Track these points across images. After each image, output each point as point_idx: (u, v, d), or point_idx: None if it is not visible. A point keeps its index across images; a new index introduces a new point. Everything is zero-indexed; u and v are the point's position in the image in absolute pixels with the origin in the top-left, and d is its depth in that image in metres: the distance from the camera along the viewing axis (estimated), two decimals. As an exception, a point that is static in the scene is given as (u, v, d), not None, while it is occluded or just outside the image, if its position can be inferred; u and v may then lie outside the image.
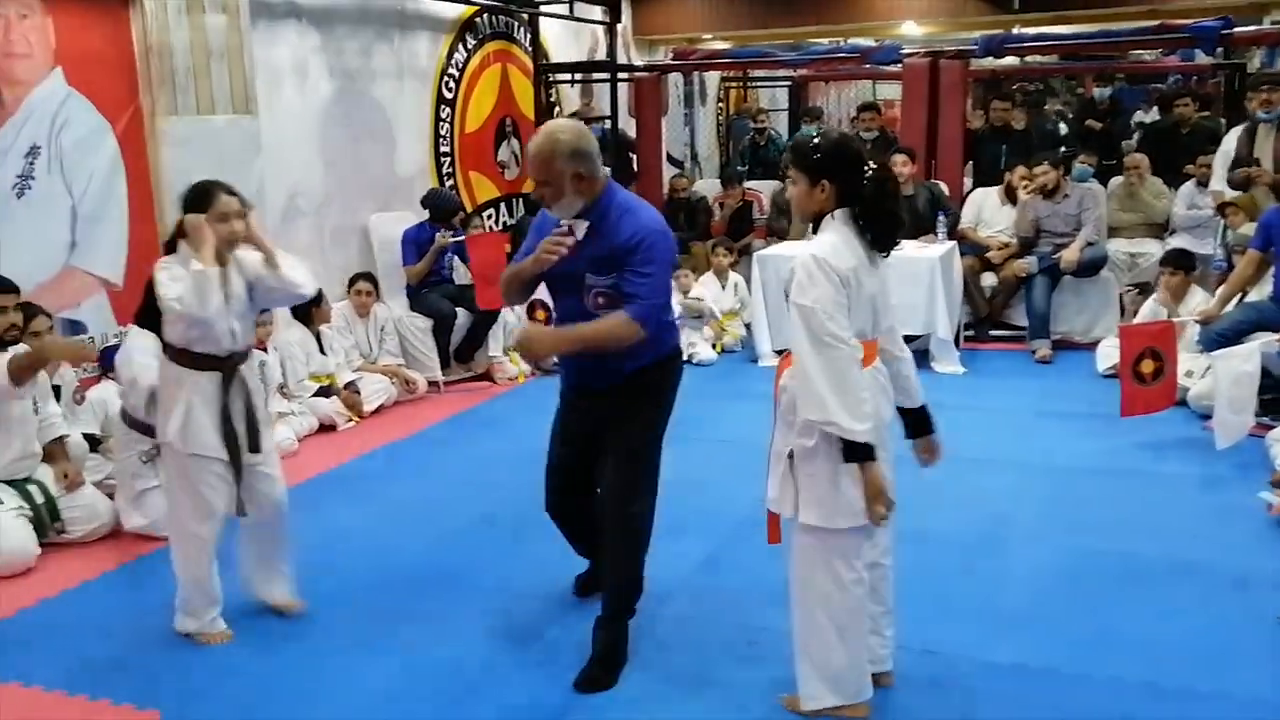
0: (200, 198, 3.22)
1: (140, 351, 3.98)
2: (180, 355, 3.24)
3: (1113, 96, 11.29)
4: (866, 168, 2.62)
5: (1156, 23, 8.45)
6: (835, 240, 2.63)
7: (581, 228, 3.06)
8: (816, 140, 2.68)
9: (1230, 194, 6.46)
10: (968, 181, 8.29)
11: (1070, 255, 6.79)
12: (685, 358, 6.81)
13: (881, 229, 2.67)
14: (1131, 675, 3.03)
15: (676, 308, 6.86)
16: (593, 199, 3.05)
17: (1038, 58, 11.40)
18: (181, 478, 3.28)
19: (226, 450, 3.25)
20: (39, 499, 4.11)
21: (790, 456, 2.70)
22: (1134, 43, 9.32)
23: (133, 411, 4.17)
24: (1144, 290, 6.87)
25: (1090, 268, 6.89)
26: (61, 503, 4.16)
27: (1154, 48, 11.11)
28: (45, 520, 4.09)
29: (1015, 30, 9.86)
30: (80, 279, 5.02)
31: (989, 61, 9.48)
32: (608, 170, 3.24)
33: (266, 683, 3.12)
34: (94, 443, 4.60)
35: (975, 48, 8.16)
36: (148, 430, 4.29)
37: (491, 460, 5.08)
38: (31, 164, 4.78)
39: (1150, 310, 6.07)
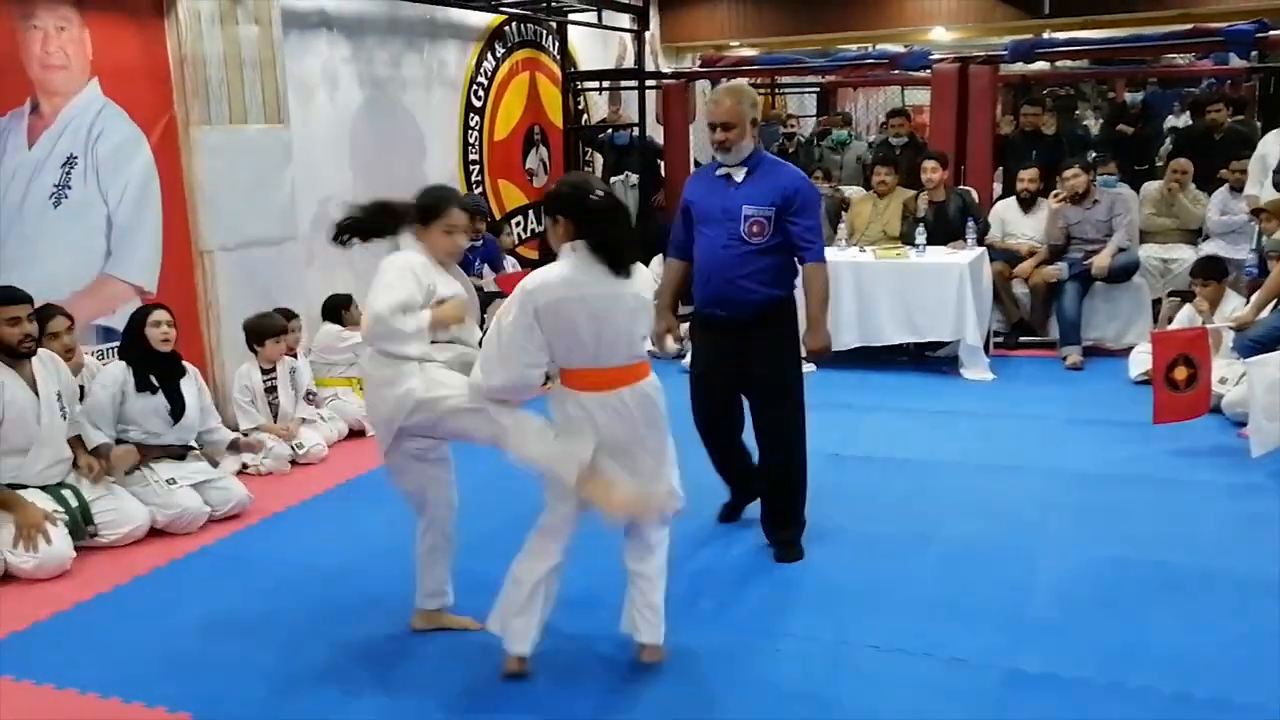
0: (432, 209, 3.16)
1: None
2: None
3: (1145, 101, 11.17)
4: (593, 196, 2.88)
5: (1189, 26, 8.36)
6: (557, 271, 2.87)
7: (740, 173, 3.76)
8: (557, 184, 3.03)
9: (1265, 199, 6.39)
10: (997, 187, 8.24)
11: (1101, 261, 6.73)
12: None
13: (610, 254, 2.86)
14: (1164, 686, 2.99)
15: None
16: (756, 146, 3.80)
17: (1068, 62, 11.30)
18: None
19: None
20: (73, 503, 4.17)
21: None
22: (1166, 47, 9.22)
23: None
24: (1182, 296, 6.79)
25: (1122, 273, 6.82)
26: (95, 507, 4.22)
27: (1187, 52, 10.99)
28: (79, 524, 4.15)
29: (1046, 35, 9.79)
30: (115, 286, 5.09)
31: (1019, 66, 9.40)
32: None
33: (297, 684, 3.15)
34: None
35: (1005, 53, 8.11)
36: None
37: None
38: (68, 173, 4.85)
39: (1186, 317, 6.00)
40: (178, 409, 4.54)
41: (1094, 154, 7.87)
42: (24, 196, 4.68)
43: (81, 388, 4.51)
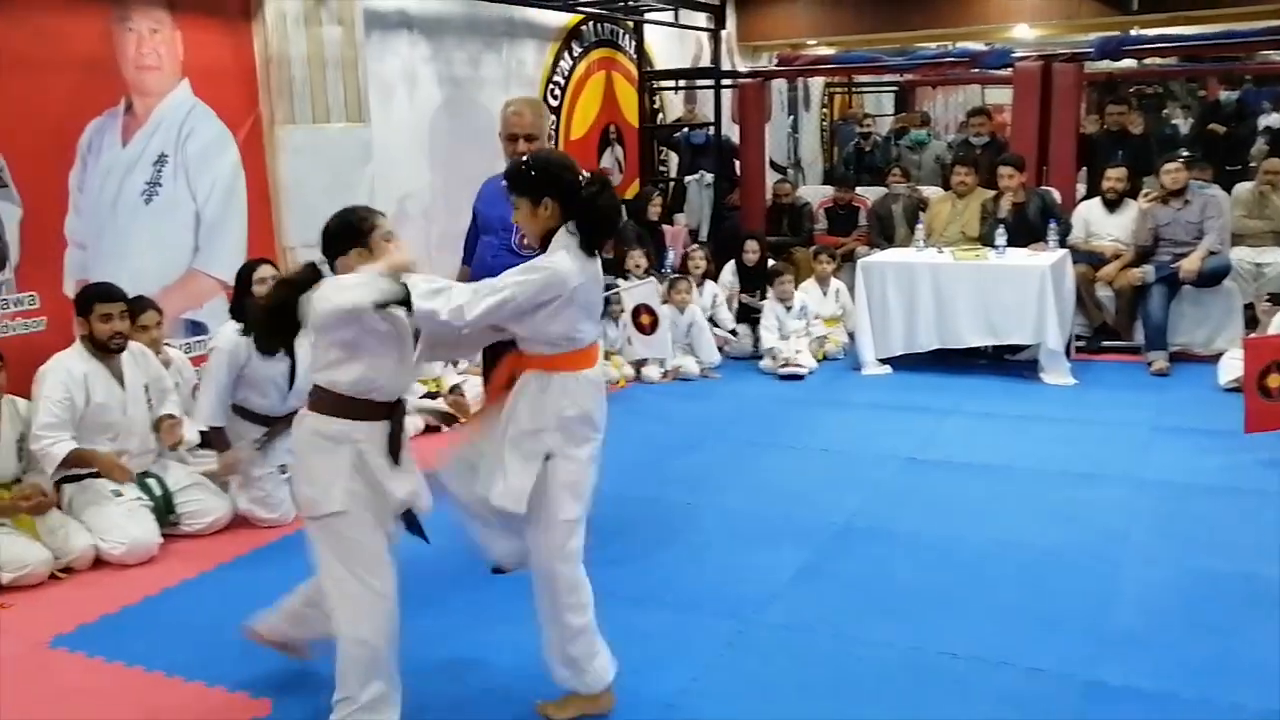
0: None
1: None
2: None
3: (1240, 99, 10.81)
4: (581, 177, 2.75)
5: (1286, 22, 8.09)
6: (567, 257, 2.69)
7: None
8: (528, 161, 2.80)
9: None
10: (1081, 188, 8.05)
11: (1190, 265, 6.53)
12: (784, 366, 6.80)
13: (597, 231, 2.75)
14: (1253, 703, 2.89)
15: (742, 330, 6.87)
16: None
17: (1156, 60, 11.00)
18: None
19: None
20: (157, 491, 4.29)
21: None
22: (1260, 43, 8.92)
23: None
24: (1275, 300, 6.56)
25: (1212, 278, 6.62)
26: (178, 497, 4.33)
27: (1282, 48, 10.64)
28: (163, 512, 4.27)
29: (1133, 32, 9.53)
30: (202, 281, 5.23)
31: (1104, 64, 9.18)
32: None
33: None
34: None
35: (1091, 50, 7.92)
36: (260, 420, 4.47)
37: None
38: (159, 171, 5.00)
39: (1281, 322, 5.80)
40: (293, 373, 4.41)
41: (1185, 154, 7.64)
42: (118, 193, 4.84)
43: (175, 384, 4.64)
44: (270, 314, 2.77)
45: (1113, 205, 7.16)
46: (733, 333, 7.20)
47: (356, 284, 2.55)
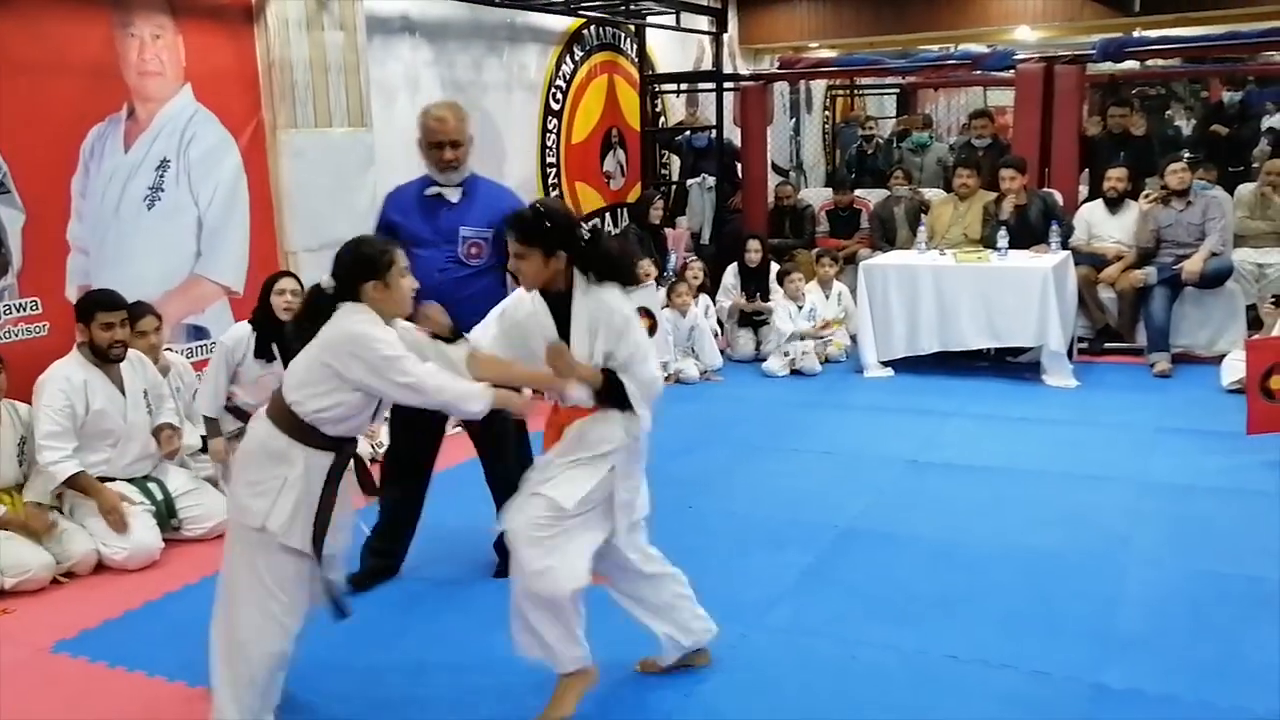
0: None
1: None
2: None
3: (1243, 101, 10.79)
4: (579, 230, 2.78)
5: (1288, 22, 8.08)
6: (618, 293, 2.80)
7: (456, 194, 3.69)
8: (541, 211, 2.80)
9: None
10: (1083, 190, 8.04)
11: (1193, 266, 6.52)
12: (787, 366, 6.80)
13: (617, 274, 2.80)
14: (1258, 706, 2.88)
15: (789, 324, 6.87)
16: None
17: (1158, 61, 10.98)
18: None
19: None
20: (158, 495, 4.30)
21: None
22: (1264, 44, 8.90)
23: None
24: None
25: (1214, 279, 6.61)
26: (179, 501, 4.33)
27: (1285, 49, 10.62)
28: (164, 516, 4.27)
29: (1135, 33, 9.53)
30: (205, 286, 5.24)
31: (1107, 66, 9.16)
32: None
33: (380, 676, 3.20)
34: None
35: (1093, 52, 7.92)
36: (244, 416, 4.49)
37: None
38: (161, 176, 5.01)
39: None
40: None
41: (1188, 155, 7.63)
42: (120, 199, 4.84)
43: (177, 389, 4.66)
44: (300, 327, 2.77)
45: (1114, 206, 7.15)
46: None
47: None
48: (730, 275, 7.43)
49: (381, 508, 3.83)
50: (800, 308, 7.03)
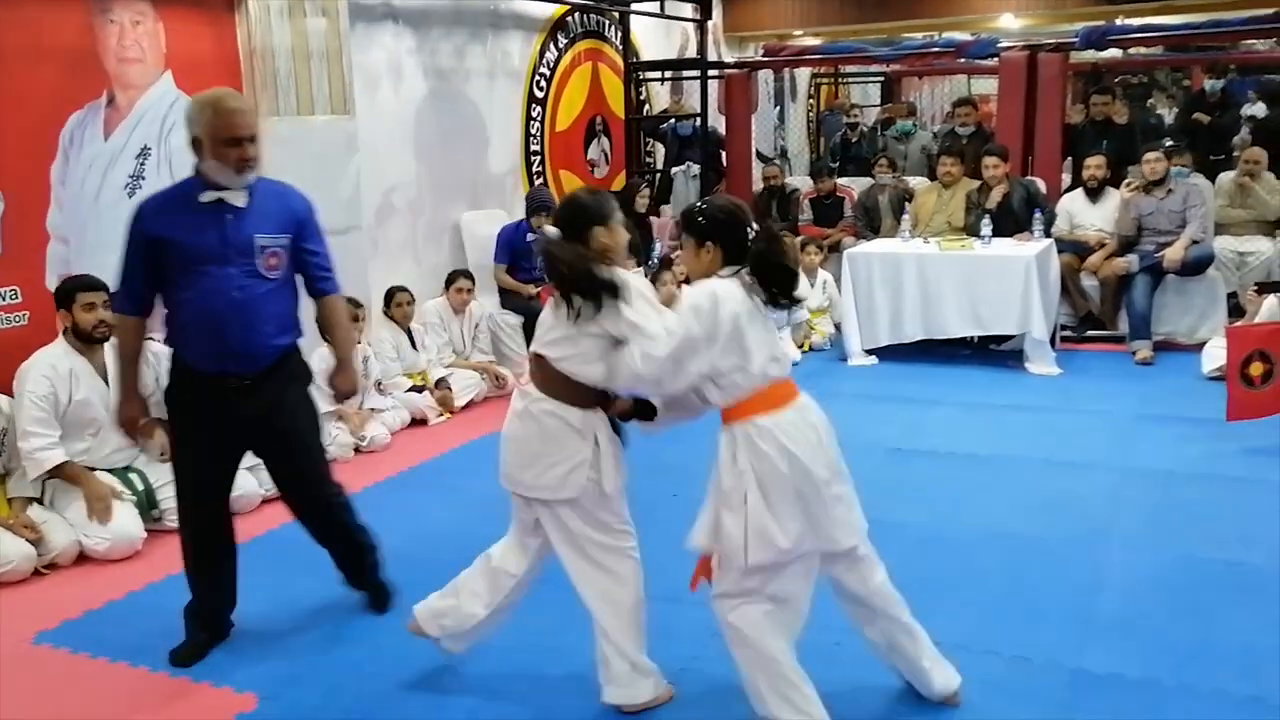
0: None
1: None
2: None
3: (1224, 89, 10.84)
4: (749, 229, 2.72)
5: (1272, 10, 8.10)
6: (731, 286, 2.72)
7: (242, 198, 3.13)
8: (702, 206, 2.79)
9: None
10: (1066, 178, 8.07)
11: (1174, 254, 6.56)
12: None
13: (776, 284, 2.75)
14: (1236, 689, 2.92)
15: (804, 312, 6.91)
16: None
17: (1141, 49, 11.04)
18: None
19: None
20: (139, 486, 4.28)
21: None
22: (1246, 32, 8.94)
23: None
24: (1261, 288, 6.56)
25: (1195, 267, 6.65)
26: (160, 492, 4.30)
27: (1268, 37, 10.66)
28: (145, 506, 4.25)
29: (1118, 21, 9.55)
30: (186, 275, 5.20)
31: (1090, 54, 9.20)
32: None
33: (361, 668, 3.20)
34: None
35: (1076, 40, 7.94)
36: None
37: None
38: (142, 164, 4.97)
39: (1271, 309, 5.80)
40: None
41: (1168, 143, 7.66)
42: (100, 187, 4.80)
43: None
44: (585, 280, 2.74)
45: (1094, 194, 7.18)
46: None
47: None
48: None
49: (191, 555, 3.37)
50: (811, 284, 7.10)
